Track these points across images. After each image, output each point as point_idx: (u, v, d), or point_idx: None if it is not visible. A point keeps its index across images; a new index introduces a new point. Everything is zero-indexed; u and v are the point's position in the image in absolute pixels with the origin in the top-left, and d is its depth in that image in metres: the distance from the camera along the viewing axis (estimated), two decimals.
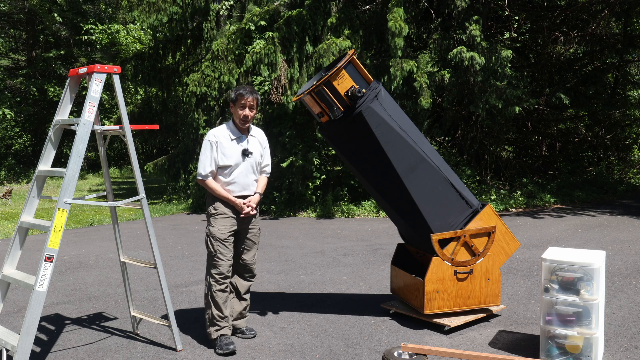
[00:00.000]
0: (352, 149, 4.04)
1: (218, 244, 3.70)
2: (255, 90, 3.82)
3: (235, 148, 3.73)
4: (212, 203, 3.76)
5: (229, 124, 3.82)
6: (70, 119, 3.38)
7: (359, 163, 4.13)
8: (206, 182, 3.71)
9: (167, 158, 13.41)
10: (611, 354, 3.53)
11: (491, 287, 4.14)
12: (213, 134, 3.74)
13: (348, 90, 3.72)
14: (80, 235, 8.81)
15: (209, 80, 10.57)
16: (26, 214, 3.43)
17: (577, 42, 13.04)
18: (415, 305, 4.13)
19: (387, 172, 3.90)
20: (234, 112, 3.78)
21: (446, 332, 3.95)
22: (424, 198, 3.95)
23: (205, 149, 3.71)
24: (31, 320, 3.04)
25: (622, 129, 15.77)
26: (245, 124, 3.77)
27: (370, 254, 6.82)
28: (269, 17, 10.99)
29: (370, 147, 3.84)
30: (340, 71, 3.67)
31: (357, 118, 3.73)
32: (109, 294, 5.19)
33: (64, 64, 22.53)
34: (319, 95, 3.73)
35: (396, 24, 9.27)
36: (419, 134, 4.08)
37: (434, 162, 4.01)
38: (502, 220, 4.18)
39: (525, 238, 7.69)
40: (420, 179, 3.93)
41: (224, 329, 3.71)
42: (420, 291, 4.02)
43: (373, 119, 3.74)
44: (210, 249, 3.73)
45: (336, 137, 4.02)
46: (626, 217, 9.43)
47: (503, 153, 12.45)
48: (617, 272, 5.63)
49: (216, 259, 3.70)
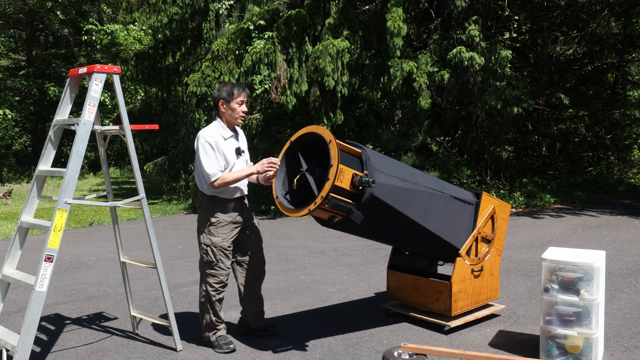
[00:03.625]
0: (369, 226, 3.65)
1: (221, 253, 3.60)
2: (245, 87, 3.75)
3: (230, 148, 3.63)
4: (210, 213, 3.61)
5: (217, 124, 3.67)
6: (70, 119, 3.37)
7: (377, 233, 3.94)
8: (222, 179, 3.50)
9: (167, 158, 13.41)
10: (611, 354, 3.53)
11: (494, 282, 4.26)
12: (209, 134, 3.56)
13: (352, 181, 3.31)
14: (80, 235, 8.81)
15: (209, 80, 10.57)
16: (26, 214, 3.43)
17: (577, 42, 13.04)
18: (437, 308, 4.04)
19: (405, 226, 3.73)
20: (226, 109, 3.63)
21: (446, 332, 3.95)
22: (441, 227, 3.88)
23: (206, 150, 3.51)
24: (31, 320, 3.04)
25: (622, 129, 15.79)
26: (242, 121, 3.69)
27: (370, 254, 6.82)
28: (269, 16, 11.00)
29: (386, 215, 3.59)
30: (338, 168, 3.20)
31: (370, 201, 3.40)
32: (109, 294, 5.19)
33: (64, 63, 22.54)
34: (331, 204, 3.27)
35: (395, 24, 9.26)
36: (409, 170, 3.89)
37: (434, 188, 3.91)
38: (491, 195, 4.25)
39: (525, 238, 7.69)
40: (434, 214, 3.83)
41: (221, 330, 3.73)
42: (444, 294, 3.97)
43: (382, 192, 3.44)
44: (211, 259, 3.61)
45: (352, 226, 3.57)
46: (626, 217, 9.43)
47: (503, 153, 12.46)
48: (617, 272, 5.63)
49: (217, 269, 3.61)
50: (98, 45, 20.93)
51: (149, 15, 11.88)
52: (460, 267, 3.97)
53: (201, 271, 3.71)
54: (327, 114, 10.02)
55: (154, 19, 11.87)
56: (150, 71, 13.46)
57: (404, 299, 4.28)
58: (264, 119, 10.66)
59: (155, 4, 11.87)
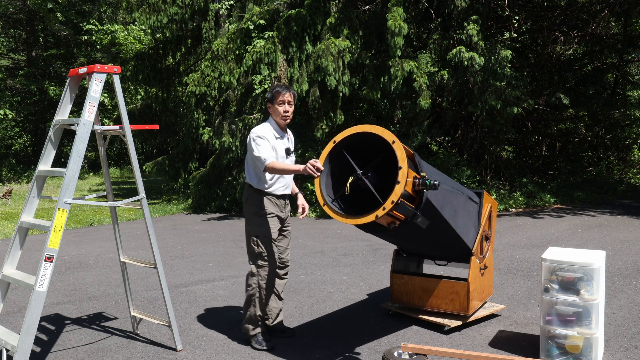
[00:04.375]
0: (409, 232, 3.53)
1: (268, 244, 3.69)
2: (290, 87, 3.84)
3: (280, 147, 3.74)
4: (258, 204, 3.71)
5: (269, 123, 3.79)
6: (70, 119, 3.37)
7: (411, 237, 3.81)
8: (272, 164, 3.51)
9: (167, 158, 13.41)
10: (611, 354, 3.53)
11: (490, 279, 4.33)
12: (262, 131, 3.68)
13: (413, 185, 3.15)
14: (80, 235, 8.81)
15: (208, 80, 10.58)
16: (26, 214, 3.43)
17: (577, 42, 13.05)
18: (452, 309, 4.03)
19: (439, 228, 3.63)
20: (273, 110, 3.77)
21: (446, 332, 3.95)
22: (462, 227, 3.87)
23: (257, 142, 3.60)
24: (31, 320, 3.04)
25: (622, 129, 15.79)
26: (287, 120, 3.78)
27: (370, 254, 6.82)
28: (269, 16, 11.00)
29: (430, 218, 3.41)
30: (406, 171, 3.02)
31: (426, 206, 3.27)
32: (109, 294, 5.19)
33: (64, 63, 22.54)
34: (400, 209, 3.11)
35: (396, 23, 9.26)
36: (436, 171, 3.79)
37: (456, 188, 3.88)
38: (485, 192, 4.29)
39: (525, 238, 7.69)
40: (458, 215, 3.82)
41: (261, 327, 3.78)
42: (461, 294, 3.98)
43: (432, 195, 3.31)
44: (261, 249, 3.68)
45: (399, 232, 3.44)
46: (626, 217, 9.43)
47: (503, 153, 12.46)
48: (617, 272, 5.63)
49: (266, 259, 3.69)
50: (98, 45, 20.94)
51: (149, 15, 11.89)
52: (474, 266, 4.00)
53: (251, 264, 3.75)
54: (327, 114, 10.02)
55: (154, 19, 11.88)
56: (150, 71, 13.47)
57: (412, 302, 4.20)
58: (264, 119, 10.65)
59: (155, 4, 11.88)
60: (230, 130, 10.38)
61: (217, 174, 11.36)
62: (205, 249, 7.35)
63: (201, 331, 4.08)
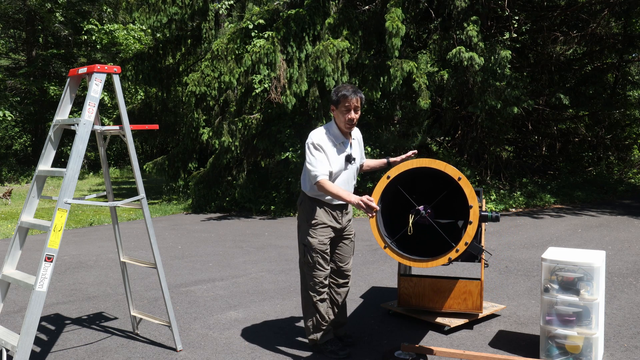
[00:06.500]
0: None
1: (318, 255, 3.46)
2: (358, 89, 3.42)
3: (338, 155, 3.42)
4: (311, 212, 3.47)
5: (330, 127, 3.46)
6: (70, 119, 3.37)
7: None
8: (322, 184, 3.26)
9: (166, 158, 13.41)
10: (611, 354, 3.53)
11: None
12: (317, 136, 3.37)
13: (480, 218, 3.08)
14: (80, 235, 8.81)
15: (208, 80, 10.58)
16: (26, 214, 3.43)
17: (577, 42, 13.04)
18: (464, 308, 4.02)
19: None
20: (336, 115, 3.41)
21: (446, 332, 3.95)
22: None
23: (311, 151, 3.34)
24: (31, 320, 3.04)
25: (622, 129, 15.78)
26: (351, 128, 3.44)
27: (370, 254, 6.82)
28: (269, 16, 11.00)
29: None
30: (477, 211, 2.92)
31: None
32: (109, 294, 5.19)
33: (64, 63, 22.55)
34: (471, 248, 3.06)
35: (393, 24, 9.26)
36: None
37: None
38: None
39: (525, 238, 7.69)
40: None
41: (329, 332, 3.62)
42: (474, 293, 3.97)
43: None
44: (309, 260, 3.48)
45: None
46: (626, 217, 9.43)
47: (503, 153, 12.46)
48: (617, 272, 5.63)
49: (316, 270, 3.49)
50: (98, 45, 20.93)
51: (149, 15, 11.89)
52: (483, 265, 4.02)
53: (301, 272, 3.62)
54: (327, 114, 10.02)
55: (154, 19, 11.88)
56: (150, 71, 13.46)
57: (422, 304, 4.15)
58: (263, 118, 10.66)
59: (155, 4, 11.88)
60: (230, 130, 10.38)
61: (217, 174, 11.37)
62: (205, 249, 7.35)
63: (201, 331, 4.08)
